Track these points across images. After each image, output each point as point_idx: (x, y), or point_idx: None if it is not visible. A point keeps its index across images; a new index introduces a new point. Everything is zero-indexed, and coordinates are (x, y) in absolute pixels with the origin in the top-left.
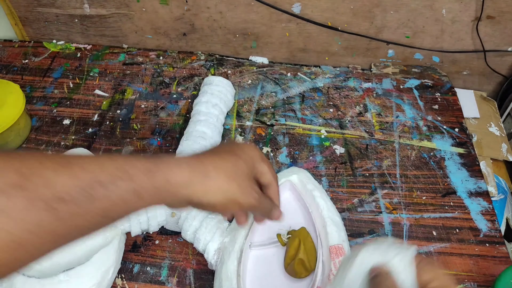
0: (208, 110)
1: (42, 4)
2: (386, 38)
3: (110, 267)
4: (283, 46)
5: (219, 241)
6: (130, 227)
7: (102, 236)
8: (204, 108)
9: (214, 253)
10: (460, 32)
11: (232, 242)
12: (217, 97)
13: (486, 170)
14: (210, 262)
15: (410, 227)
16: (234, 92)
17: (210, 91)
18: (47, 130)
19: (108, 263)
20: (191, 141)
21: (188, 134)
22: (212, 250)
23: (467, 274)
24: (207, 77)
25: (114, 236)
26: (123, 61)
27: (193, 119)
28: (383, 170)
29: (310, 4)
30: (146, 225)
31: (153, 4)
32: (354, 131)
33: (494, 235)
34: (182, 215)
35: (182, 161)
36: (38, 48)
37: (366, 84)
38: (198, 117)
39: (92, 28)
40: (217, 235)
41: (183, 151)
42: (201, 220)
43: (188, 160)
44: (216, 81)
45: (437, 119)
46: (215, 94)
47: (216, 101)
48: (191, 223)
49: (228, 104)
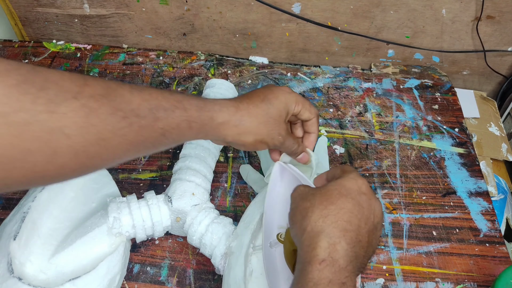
0: None
1: (42, 4)
2: (386, 38)
3: (116, 275)
4: (283, 46)
5: (225, 245)
6: (135, 233)
7: (107, 243)
8: None
9: (220, 258)
10: (460, 32)
11: (239, 247)
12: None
13: (486, 170)
14: (218, 267)
15: (410, 227)
16: (237, 95)
17: (212, 94)
18: None
19: (114, 270)
20: (194, 144)
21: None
22: (219, 255)
23: (467, 274)
24: (209, 80)
25: (119, 243)
26: (123, 61)
27: None
28: (383, 170)
29: (310, 4)
30: (151, 230)
31: (153, 4)
32: (354, 131)
33: (494, 235)
34: (187, 220)
35: (224, 105)
36: (38, 48)
37: (366, 84)
38: None
39: (92, 28)
40: (223, 240)
41: (187, 155)
42: (206, 225)
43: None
44: (218, 84)
45: (437, 119)
46: (217, 97)
47: None
48: (196, 228)
49: None
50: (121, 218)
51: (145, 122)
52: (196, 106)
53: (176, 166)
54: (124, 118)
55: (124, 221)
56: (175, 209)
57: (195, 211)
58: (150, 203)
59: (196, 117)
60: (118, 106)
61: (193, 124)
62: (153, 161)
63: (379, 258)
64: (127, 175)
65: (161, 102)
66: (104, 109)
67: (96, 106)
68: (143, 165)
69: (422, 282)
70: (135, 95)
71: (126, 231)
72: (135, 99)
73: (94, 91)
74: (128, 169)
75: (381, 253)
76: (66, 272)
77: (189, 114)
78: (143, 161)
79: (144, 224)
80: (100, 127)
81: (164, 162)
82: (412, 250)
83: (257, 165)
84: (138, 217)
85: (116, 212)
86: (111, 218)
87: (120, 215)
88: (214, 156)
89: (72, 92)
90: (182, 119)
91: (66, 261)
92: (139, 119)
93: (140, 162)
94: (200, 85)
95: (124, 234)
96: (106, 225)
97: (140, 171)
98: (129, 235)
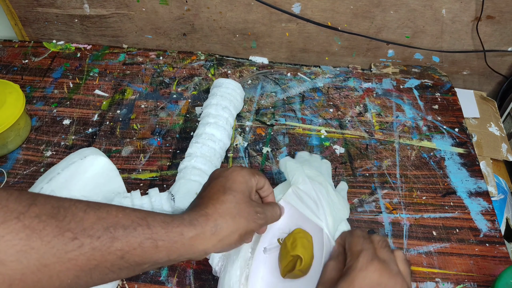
0: (218, 112)
1: (42, 4)
2: (386, 38)
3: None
4: (283, 46)
5: None
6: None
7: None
8: (214, 110)
9: (218, 260)
10: (460, 32)
11: (236, 250)
12: (226, 99)
13: (486, 170)
14: (215, 269)
15: (410, 227)
16: (244, 94)
17: (220, 93)
18: (47, 130)
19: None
20: (200, 144)
21: (197, 137)
22: (216, 257)
23: (467, 274)
24: (216, 80)
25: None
26: (123, 61)
27: (203, 122)
28: (383, 170)
29: (310, 4)
30: None
31: (153, 4)
32: (354, 131)
33: (494, 235)
34: None
35: (193, 217)
36: (38, 48)
37: (366, 84)
38: (207, 119)
39: (92, 28)
40: None
41: (193, 154)
42: None
43: (197, 215)
44: (225, 83)
45: (437, 119)
46: (224, 96)
47: (226, 104)
48: None
49: (238, 106)
50: None
51: (99, 243)
52: (162, 222)
53: (182, 164)
54: (73, 239)
55: None
56: (177, 207)
57: None
58: (153, 200)
59: (162, 234)
60: (67, 227)
61: (160, 242)
62: (153, 161)
63: None
64: (127, 175)
65: (120, 220)
66: (49, 230)
67: (40, 228)
68: (143, 165)
69: (422, 282)
70: (90, 213)
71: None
72: (89, 217)
73: (41, 210)
74: (128, 169)
75: None
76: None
77: (153, 232)
78: (143, 161)
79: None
80: (43, 250)
81: (164, 162)
82: (412, 250)
83: (256, 165)
84: None
85: None
86: None
87: None
88: (219, 156)
89: (15, 212)
90: (145, 238)
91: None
92: (91, 240)
93: (140, 162)
94: (200, 85)
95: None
96: None
97: (140, 171)
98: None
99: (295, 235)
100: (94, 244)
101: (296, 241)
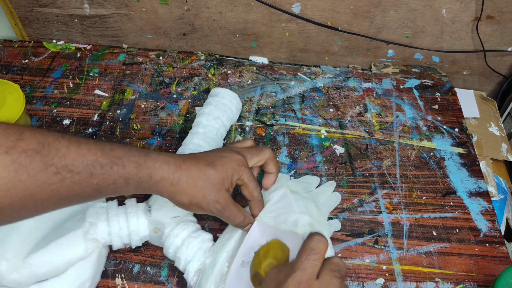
0: (209, 122)
1: (42, 4)
2: (386, 38)
3: (86, 281)
4: (283, 46)
5: (199, 261)
6: (111, 240)
7: (83, 248)
8: (205, 120)
9: (193, 274)
10: (460, 32)
11: (212, 265)
12: (220, 109)
13: (486, 170)
14: (189, 284)
15: (410, 227)
16: (241, 105)
17: (214, 103)
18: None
19: (84, 276)
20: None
21: (184, 146)
22: (192, 271)
23: (467, 274)
24: (214, 88)
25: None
26: (123, 61)
27: (192, 131)
28: (383, 170)
29: (310, 4)
30: (128, 239)
31: (153, 4)
32: (354, 131)
33: (494, 235)
34: (165, 231)
35: (166, 162)
36: (38, 48)
37: (366, 84)
38: (197, 129)
39: (92, 28)
40: (198, 256)
41: None
42: (183, 239)
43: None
44: (221, 93)
45: (437, 119)
46: (218, 106)
47: (219, 114)
48: (172, 241)
49: (232, 118)
50: (98, 224)
51: (79, 177)
52: (136, 163)
53: None
54: (56, 173)
55: (100, 227)
56: (153, 219)
57: (174, 223)
58: (128, 211)
59: (133, 174)
60: (51, 162)
61: (131, 181)
62: None
63: (379, 258)
64: None
65: (98, 158)
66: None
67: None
68: None
69: (422, 282)
70: (72, 150)
71: (102, 237)
72: (70, 154)
73: (28, 146)
74: None
75: (381, 253)
76: (39, 273)
77: (127, 171)
78: None
79: (121, 232)
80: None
81: None
82: (412, 250)
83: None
84: (115, 225)
85: (93, 217)
86: (87, 223)
87: (97, 221)
88: None
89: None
90: (119, 176)
91: (41, 262)
92: (72, 175)
93: None
94: (200, 85)
95: (100, 240)
96: (82, 229)
97: None
98: (105, 242)
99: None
100: (74, 178)
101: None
